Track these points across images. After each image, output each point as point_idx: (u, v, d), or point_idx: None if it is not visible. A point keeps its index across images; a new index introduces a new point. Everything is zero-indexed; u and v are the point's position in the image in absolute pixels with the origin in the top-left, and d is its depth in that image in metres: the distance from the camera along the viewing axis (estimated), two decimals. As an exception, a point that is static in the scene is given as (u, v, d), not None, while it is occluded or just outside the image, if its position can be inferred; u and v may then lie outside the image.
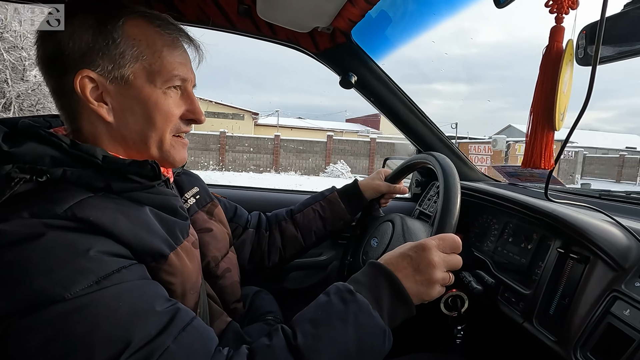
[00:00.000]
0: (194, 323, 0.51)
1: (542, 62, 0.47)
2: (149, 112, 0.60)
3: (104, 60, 0.56)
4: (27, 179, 0.49)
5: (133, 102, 0.59)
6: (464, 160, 1.40)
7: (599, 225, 0.71)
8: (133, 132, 0.60)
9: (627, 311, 0.60)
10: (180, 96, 0.64)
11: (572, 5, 0.44)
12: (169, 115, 0.62)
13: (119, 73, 0.57)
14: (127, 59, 0.57)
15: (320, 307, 0.56)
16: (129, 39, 0.57)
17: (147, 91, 0.59)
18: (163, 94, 0.61)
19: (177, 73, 0.61)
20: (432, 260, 0.60)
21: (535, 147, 0.49)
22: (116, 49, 0.56)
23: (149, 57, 0.59)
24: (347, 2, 0.87)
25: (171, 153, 0.64)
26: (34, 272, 0.43)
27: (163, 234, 0.58)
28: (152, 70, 0.59)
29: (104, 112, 0.58)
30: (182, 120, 0.65)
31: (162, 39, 0.60)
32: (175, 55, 0.62)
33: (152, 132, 0.61)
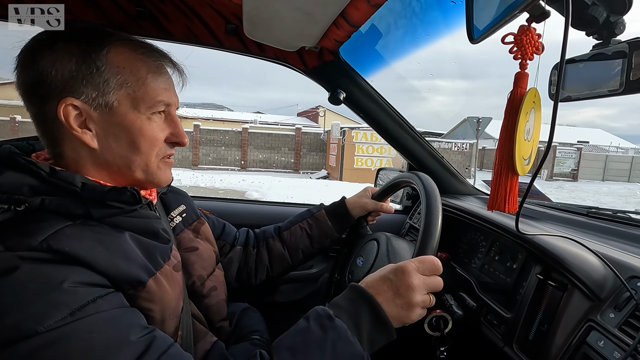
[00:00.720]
0: (170, 351, 0.51)
1: (506, 108, 0.48)
2: (134, 137, 0.60)
3: (88, 88, 0.56)
4: (5, 208, 0.49)
5: (117, 129, 0.59)
6: (454, 175, 1.40)
7: (576, 253, 0.71)
8: (117, 157, 0.61)
9: (601, 342, 0.60)
10: (164, 120, 0.65)
11: (536, 51, 0.45)
12: (154, 140, 0.62)
13: (103, 100, 0.57)
14: (111, 86, 0.57)
15: (299, 333, 0.57)
16: (112, 66, 0.57)
17: (131, 117, 0.59)
18: (147, 120, 0.61)
19: (160, 99, 0.61)
20: (411, 283, 0.60)
21: (499, 191, 0.49)
22: (100, 77, 0.57)
23: (133, 84, 0.59)
24: (332, 25, 0.87)
25: (157, 175, 0.65)
26: (7, 307, 0.43)
27: (142, 260, 0.58)
28: (136, 96, 0.59)
29: (87, 138, 0.58)
30: (167, 144, 0.65)
31: (145, 66, 0.61)
32: (160, 81, 0.62)
33: (137, 156, 0.61)
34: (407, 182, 0.92)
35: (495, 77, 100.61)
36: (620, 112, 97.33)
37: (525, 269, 0.86)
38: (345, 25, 0.86)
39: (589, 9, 0.45)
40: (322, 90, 1.20)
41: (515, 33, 0.46)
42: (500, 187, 0.49)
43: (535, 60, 0.45)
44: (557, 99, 0.43)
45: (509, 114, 0.48)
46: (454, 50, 20.69)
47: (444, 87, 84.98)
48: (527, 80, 0.47)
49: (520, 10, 0.44)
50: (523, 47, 0.45)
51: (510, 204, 0.50)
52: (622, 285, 0.62)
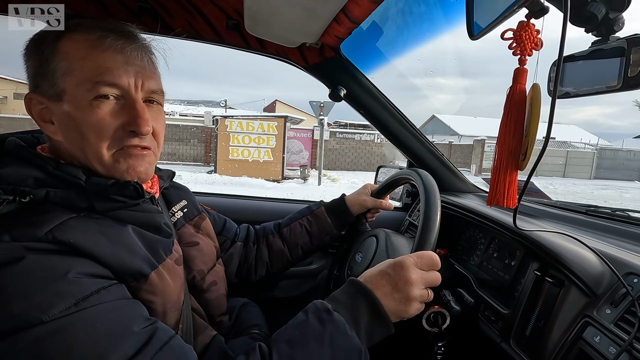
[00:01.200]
0: (171, 342, 0.52)
1: (505, 103, 0.48)
2: (79, 126, 0.56)
3: (43, 81, 0.57)
4: (10, 200, 0.50)
5: (66, 118, 0.57)
6: (454, 172, 1.40)
7: (573, 250, 0.71)
8: (76, 149, 0.58)
9: (597, 338, 0.60)
10: (120, 106, 0.58)
11: (535, 47, 0.45)
12: (99, 130, 0.56)
13: (53, 91, 0.57)
14: (57, 75, 0.56)
15: (298, 326, 0.57)
16: (58, 54, 0.56)
17: (75, 104, 0.56)
18: (89, 106, 0.56)
19: (100, 79, 0.55)
20: (409, 278, 0.61)
21: (498, 186, 0.50)
22: (48, 67, 0.56)
23: (76, 68, 0.56)
24: (333, 21, 0.87)
25: (116, 168, 0.59)
26: (13, 296, 0.44)
27: (145, 253, 0.59)
28: (79, 81, 0.56)
29: (50, 131, 0.59)
30: (124, 132, 0.59)
31: (86, 45, 0.56)
32: (101, 59, 0.56)
33: (88, 148, 0.57)
34: (407, 179, 0.93)
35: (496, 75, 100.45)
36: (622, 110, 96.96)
37: (523, 266, 0.87)
38: (346, 22, 0.86)
39: (588, 6, 0.45)
40: (320, 88, 1.20)
41: (515, 29, 0.46)
42: (500, 182, 0.50)
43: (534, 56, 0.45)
44: (555, 96, 0.43)
45: (508, 110, 0.48)
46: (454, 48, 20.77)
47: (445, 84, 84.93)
48: (526, 75, 0.47)
49: (519, 6, 0.44)
50: (522, 42, 0.45)
51: (509, 199, 0.50)
52: (619, 282, 0.62)
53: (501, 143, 0.49)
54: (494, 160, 0.51)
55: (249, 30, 0.99)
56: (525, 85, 0.48)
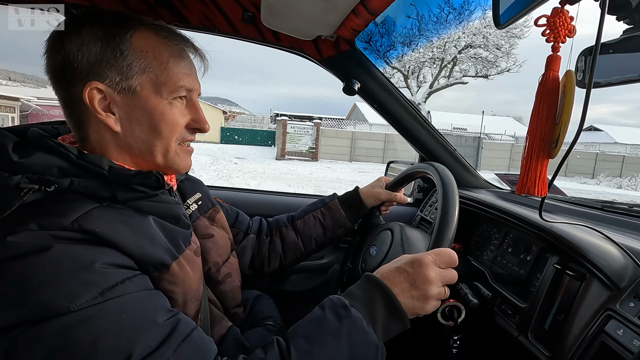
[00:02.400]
0: (193, 334, 0.52)
1: (537, 90, 0.47)
2: (155, 122, 0.61)
3: (112, 72, 0.57)
4: (36, 189, 0.50)
5: (140, 113, 0.60)
6: (467, 168, 1.40)
7: (596, 243, 0.71)
8: (139, 141, 0.61)
9: (620, 331, 0.60)
10: (186, 106, 0.65)
11: (569, 34, 0.44)
12: (175, 125, 0.63)
13: (126, 84, 0.58)
14: (134, 70, 0.58)
15: (315, 321, 0.57)
16: (136, 51, 0.58)
17: (153, 102, 0.60)
18: (169, 105, 0.62)
19: (182, 84, 0.62)
20: (428, 276, 0.60)
21: (529, 174, 0.49)
22: (124, 61, 0.57)
23: (155, 69, 0.59)
24: (351, 12, 0.87)
25: (176, 161, 0.65)
26: (41, 284, 0.44)
27: (166, 243, 0.59)
28: (158, 81, 0.60)
29: (111, 122, 0.59)
30: (187, 129, 0.66)
31: (168, 51, 0.61)
32: (181, 66, 0.62)
33: (158, 141, 0.62)
34: (423, 172, 0.92)
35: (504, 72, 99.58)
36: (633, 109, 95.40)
37: (540, 260, 0.86)
38: (364, 13, 0.86)
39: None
40: (324, 85, 1.20)
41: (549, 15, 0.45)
42: (531, 170, 0.49)
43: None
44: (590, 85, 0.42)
45: (540, 97, 0.47)
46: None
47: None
48: (559, 63, 0.47)
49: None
50: (556, 29, 0.44)
51: (540, 187, 0.49)
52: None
53: (532, 130, 0.48)
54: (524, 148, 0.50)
55: (265, 22, 0.99)
56: (558, 73, 0.47)
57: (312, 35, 1.04)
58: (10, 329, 0.42)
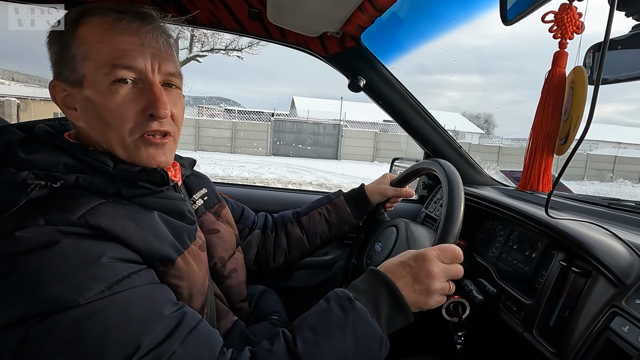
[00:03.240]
0: (199, 326, 0.53)
1: (544, 87, 0.47)
2: (99, 111, 0.56)
3: (64, 68, 0.57)
4: (42, 185, 0.51)
5: (88, 104, 0.57)
6: (472, 165, 1.39)
7: (602, 240, 0.71)
8: (99, 134, 0.59)
9: (626, 328, 0.60)
10: (138, 90, 0.58)
11: (577, 31, 0.44)
12: (119, 113, 0.56)
13: (75, 77, 0.57)
14: (77, 60, 0.56)
15: (320, 314, 0.58)
16: (77, 39, 0.56)
17: (95, 89, 0.56)
18: (109, 91, 0.56)
19: (117, 62, 0.55)
20: (431, 271, 0.61)
21: (533, 170, 0.49)
22: (68, 54, 0.56)
23: (93, 52, 0.55)
24: (357, 9, 0.87)
25: (137, 155, 0.59)
26: (50, 278, 0.45)
27: (171, 238, 0.60)
28: (97, 65, 0.55)
29: (73, 117, 0.60)
30: (144, 117, 0.58)
31: (102, 28, 0.56)
32: (117, 42, 0.55)
33: (111, 133, 0.57)
34: (429, 169, 0.92)
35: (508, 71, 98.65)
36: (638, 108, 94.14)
37: (546, 257, 0.86)
38: (371, 9, 0.86)
39: (630, -11, 0.44)
40: (329, 84, 1.20)
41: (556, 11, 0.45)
42: (535, 166, 0.49)
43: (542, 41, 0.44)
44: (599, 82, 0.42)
45: (546, 93, 0.47)
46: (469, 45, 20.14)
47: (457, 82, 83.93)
48: (566, 59, 0.46)
49: (561, -11, 0.43)
50: (563, 25, 0.44)
51: (544, 183, 0.50)
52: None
53: (537, 126, 0.48)
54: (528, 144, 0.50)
55: (271, 19, 0.99)
56: (565, 69, 0.47)
57: (318, 31, 1.04)
58: (22, 322, 0.43)
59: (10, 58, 22.14)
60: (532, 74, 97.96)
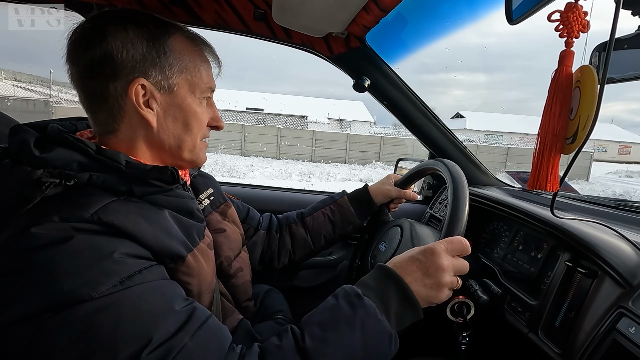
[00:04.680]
0: (209, 321, 0.54)
1: (550, 86, 0.47)
2: (188, 119, 0.66)
3: (155, 71, 0.61)
4: (57, 183, 0.52)
5: (175, 110, 0.64)
6: (477, 165, 1.39)
7: (608, 240, 0.70)
8: (172, 136, 0.65)
9: (632, 329, 0.60)
10: (207, 105, 0.71)
11: (583, 29, 0.44)
12: (202, 122, 0.69)
13: (166, 83, 0.62)
14: (174, 70, 0.63)
15: (329, 310, 0.58)
16: (175, 52, 0.63)
17: (188, 101, 0.65)
18: (199, 104, 0.67)
19: (210, 85, 0.69)
20: (441, 264, 0.61)
21: (541, 169, 0.49)
22: (166, 61, 0.62)
23: (190, 70, 0.65)
24: (362, 9, 0.87)
25: (199, 155, 0.71)
26: (64, 273, 0.46)
27: (181, 236, 0.61)
28: (193, 82, 0.65)
29: (150, 117, 0.62)
30: (207, 127, 0.72)
31: (199, 54, 0.67)
32: (209, 70, 0.69)
33: (188, 137, 0.67)
34: (433, 169, 0.92)
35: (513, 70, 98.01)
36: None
37: (551, 258, 0.85)
38: (375, 10, 0.86)
39: (637, -12, 0.44)
40: (332, 84, 1.20)
41: (562, 10, 0.45)
42: (543, 165, 0.49)
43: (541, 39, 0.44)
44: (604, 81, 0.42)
45: (553, 93, 0.47)
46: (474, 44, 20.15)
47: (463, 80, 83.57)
48: (572, 58, 0.46)
49: (566, -12, 0.43)
50: (569, 24, 0.44)
51: (551, 182, 0.49)
52: (656, 273, 0.61)
53: (545, 126, 0.48)
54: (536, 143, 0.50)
55: (276, 20, 1.00)
56: (571, 68, 0.47)
57: (323, 32, 1.04)
58: (36, 316, 0.44)
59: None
60: (538, 71, 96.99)
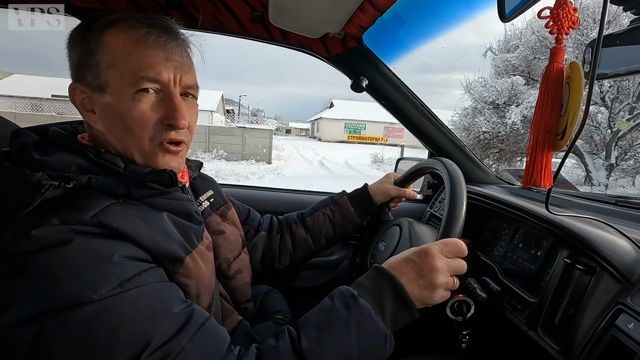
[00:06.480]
0: (207, 323, 0.54)
1: (541, 83, 0.47)
2: (123, 118, 0.59)
3: (87, 72, 0.59)
4: (56, 185, 0.53)
5: (109, 109, 0.59)
6: (476, 163, 1.39)
7: (606, 237, 0.70)
8: (117, 139, 0.61)
9: (631, 325, 0.59)
10: (160, 100, 0.60)
11: (573, 26, 0.44)
12: (141, 122, 0.59)
13: (97, 82, 0.59)
14: (102, 67, 0.58)
15: (325, 311, 0.59)
16: (103, 47, 0.58)
17: (118, 97, 0.58)
18: (132, 99, 0.58)
19: (144, 74, 0.58)
20: (435, 265, 0.61)
21: (535, 166, 0.49)
22: (93, 59, 0.58)
23: (120, 62, 0.58)
24: (357, 9, 0.87)
25: (155, 161, 0.62)
26: (64, 275, 0.46)
27: (179, 238, 0.62)
28: (122, 75, 0.58)
29: (92, 119, 0.62)
30: (163, 126, 0.61)
31: (130, 40, 0.58)
32: (146, 55, 0.58)
33: (131, 139, 0.60)
34: (431, 167, 0.92)
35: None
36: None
37: (551, 255, 0.85)
38: (371, 10, 0.87)
39: (627, -17, 0.44)
40: (332, 84, 1.20)
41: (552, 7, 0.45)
42: (536, 162, 0.49)
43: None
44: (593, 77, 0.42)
45: (544, 89, 0.47)
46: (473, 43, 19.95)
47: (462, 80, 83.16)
48: (563, 54, 0.46)
49: (556, -15, 0.43)
50: (560, 21, 0.44)
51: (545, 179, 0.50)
52: (654, 269, 0.61)
53: (537, 122, 0.49)
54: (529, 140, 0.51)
55: (273, 21, 1.00)
56: (562, 64, 0.47)
57: (320, 33, 1.05)
58: (37, 318, 0.44)
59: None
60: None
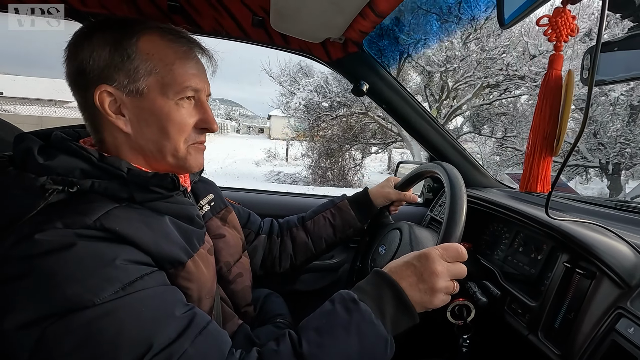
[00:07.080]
0: (209, 327, 0.54)
1: (540, 89, 0.48)
2: (162, 123, 0.62)
3: (120, 76, 0.59)
4: (60, 190, 0.53)
5: (147, 114, 0.61)
6: (476, 167, 1.39)
7: (606, 241, 0.70)
8: (149, 142, 0.63)
9: (631, 329, 0.59)
10: (194, 106, 0.66)
11: (571, 33, 0.45)
12: (182, 126, 0.64)
13: (134, 87, 0.60)
14: (141, 73, 0.60)
15: (325, 315, 0.59)
16: (142, 53, 0.60)
17: (159, 103, 0.61)
18: (175, 105, 0.62)
19: (188, 84, 0.62)
20: (435, 269, 0.61)
21: (532, 171, 0.50)
22: (131, 64, 0.59)
23: (161, 70, 0.61)
24: (358, 15, 0.88)
25: (187, 160, 0.66)
26: (67, 279, 0.47)
27: (181, 242, 0.62)
28: (164, 82, 0.61)
29: (121, 123, 0.61)
30: (196, 130, 0.66)
31: (173, 52, 0.62)
32: (187, 67, 0.63)
33: (167, 142, 0.63)
34: (431, 172, 0.93)
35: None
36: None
37: (551, 260, 0.85)
38: (372, 15, 0.87)
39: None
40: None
41: (550, 15, 0.46)
42: (534, 167, 0.50)
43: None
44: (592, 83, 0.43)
45: (543, 96, 0.48)
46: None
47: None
48: (562, 61, 0.47)
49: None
50: (558, 29, 0.45)
51: (543, 184, 0.50)
52: (654, 273, 0.61)
53: (535, 128, 0.49)
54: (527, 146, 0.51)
55: (274, 26, 1.01)
56: (561, 71, 0.48)
57: (321, 37, 1.06)
58: (40, 321, 0.45)
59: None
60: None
